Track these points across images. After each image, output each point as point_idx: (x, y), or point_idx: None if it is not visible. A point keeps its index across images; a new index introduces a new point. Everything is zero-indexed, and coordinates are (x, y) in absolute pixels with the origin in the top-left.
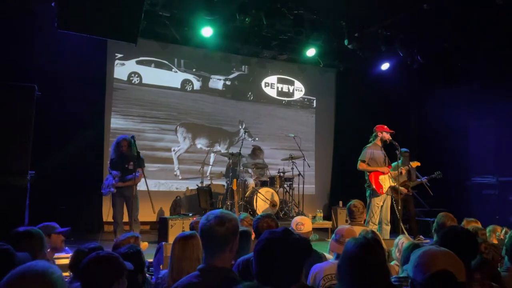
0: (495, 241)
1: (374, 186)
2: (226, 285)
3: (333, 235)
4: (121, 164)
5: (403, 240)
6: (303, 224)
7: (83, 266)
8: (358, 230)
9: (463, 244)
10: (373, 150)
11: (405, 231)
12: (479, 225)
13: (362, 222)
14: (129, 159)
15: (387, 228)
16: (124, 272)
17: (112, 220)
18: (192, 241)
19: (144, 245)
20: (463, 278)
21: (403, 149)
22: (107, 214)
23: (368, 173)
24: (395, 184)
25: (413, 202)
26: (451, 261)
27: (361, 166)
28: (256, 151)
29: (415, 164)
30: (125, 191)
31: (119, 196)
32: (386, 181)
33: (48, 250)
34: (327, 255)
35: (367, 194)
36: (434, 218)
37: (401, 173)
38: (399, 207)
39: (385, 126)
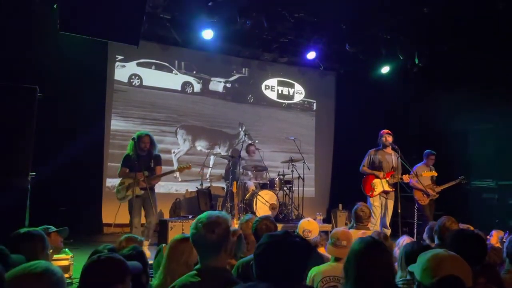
0: (498, 245)
1: (365, 188)
2: (223, 285)
3: (329, 239)
4: (144, 162)
5: (405, 239)
6: (310, 231)
7: (84, 269)
8: (365, 234)
9: (473, 248)
10: (374, 155)
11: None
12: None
13: (368, 226)
14: (151, 157)
15: (387, 231)
16: (125, 276)
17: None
18: (181, 245)
19: None
20: (470, 283)
21: (428, 151)
22: (107, 216)
23: (364, 175)
24: (391, 189)
25: (434, 209)
26: (459, 265)
27: (362, 169)
28: (250, 147)
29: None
30: (144, 193)
31: (138, 200)
32: (379, 185)
33: (51, 250)
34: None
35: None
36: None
37: (401, 179)
38: (399, 210)
39: (385, 130)
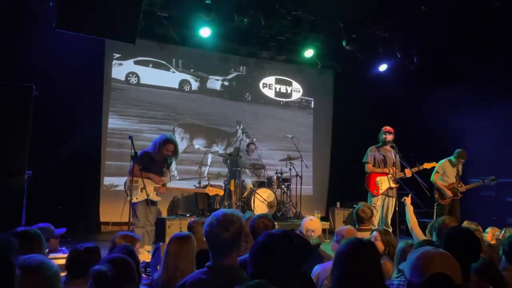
0: (494, 242)
1: (369, 187)
2: (234, 283)
3: (334, 237)
4: (159, 167)
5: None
6: (313, 230)
7: (92, 270)
8: (366, 235)
9: (467, 245)
10: (374, 152)
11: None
12: (479, 228)
13: (370, 227)
14: (165, 162)
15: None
16: (131, 276)
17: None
18: (188, 242)
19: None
20: (459, 281)
21: (460, 150)
22: (105, 214)
23: (367, 174)
24: (396, 186)
25: (460, 209)
26: (448, 263)
27: (368, 168)
28: (250, 146)
29: (429, 165)
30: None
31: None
32: (384, 182)
33: (47, 250)
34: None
35: (369, 194)
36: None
37: (404, 174)
38: (397, 208)
39: (387, 128)
